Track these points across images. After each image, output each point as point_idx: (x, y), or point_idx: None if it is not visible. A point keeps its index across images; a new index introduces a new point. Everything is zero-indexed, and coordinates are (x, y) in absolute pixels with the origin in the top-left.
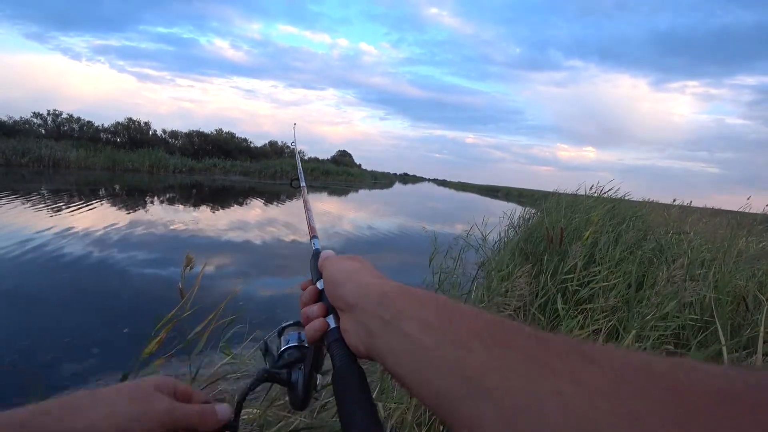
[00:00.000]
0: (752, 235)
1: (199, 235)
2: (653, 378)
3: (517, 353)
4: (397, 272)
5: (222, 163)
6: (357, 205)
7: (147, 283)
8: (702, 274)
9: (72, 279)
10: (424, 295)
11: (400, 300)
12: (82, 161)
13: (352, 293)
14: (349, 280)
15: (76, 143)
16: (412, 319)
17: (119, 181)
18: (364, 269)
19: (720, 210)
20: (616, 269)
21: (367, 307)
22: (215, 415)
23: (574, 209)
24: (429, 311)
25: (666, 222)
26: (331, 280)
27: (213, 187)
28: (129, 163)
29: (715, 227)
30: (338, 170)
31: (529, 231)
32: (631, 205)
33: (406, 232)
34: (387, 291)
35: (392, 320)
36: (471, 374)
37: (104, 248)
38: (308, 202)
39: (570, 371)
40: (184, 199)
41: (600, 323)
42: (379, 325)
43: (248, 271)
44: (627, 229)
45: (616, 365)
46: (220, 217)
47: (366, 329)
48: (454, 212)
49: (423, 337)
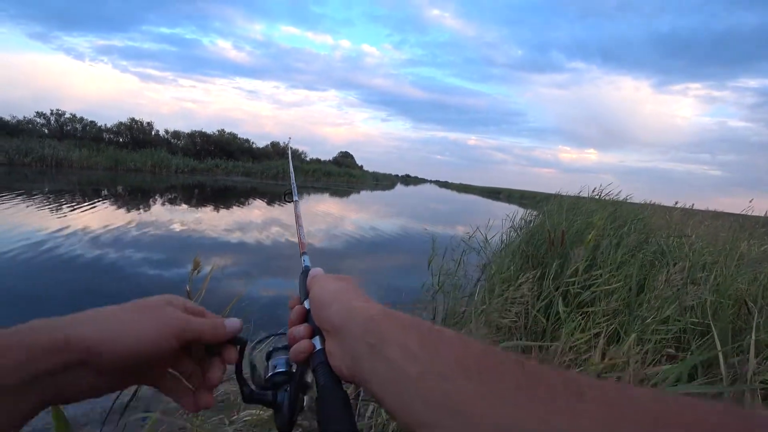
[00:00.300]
0: (754, 238)
1: (203, 236)
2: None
3: (506, 386)
4: (399, 274)
5: (224, 164)
6: (358, 207)
7: (152, 283)
8: (703, 277)
9: (76, 279)
10: (409, 321)
11: (385, 325)
12: (85, 161)
13: (337, 316)
14: (335, 301)
15: (79, 143)
16: (397, 346)
17: (122, 182)
18: (351, 291)
19: (722, 213)
20: (617, 272)
21: (353, 330)
22: (224, 327)
23: (575, 212)
24: (413, 338)
25: (668, 225)
26: (317, 301)
27: (215, 188)
28: (131, 163)
29: (716, 230)
30: (340, 171)
31: (530, 233)
32: (633, 208)
33: (408, 233)
34: (373, 315)
35: (377, 345)
36: (458, 407)
37: (108, 248)
38: (300, 218)
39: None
40: (186, 199)
41: (601, 326)
42: (364, 350)
43: (251, 271)
44: (628, 232)
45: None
46: (222, 217)
47: (351, 353)
48: (455, 214)
49: (407, 366)
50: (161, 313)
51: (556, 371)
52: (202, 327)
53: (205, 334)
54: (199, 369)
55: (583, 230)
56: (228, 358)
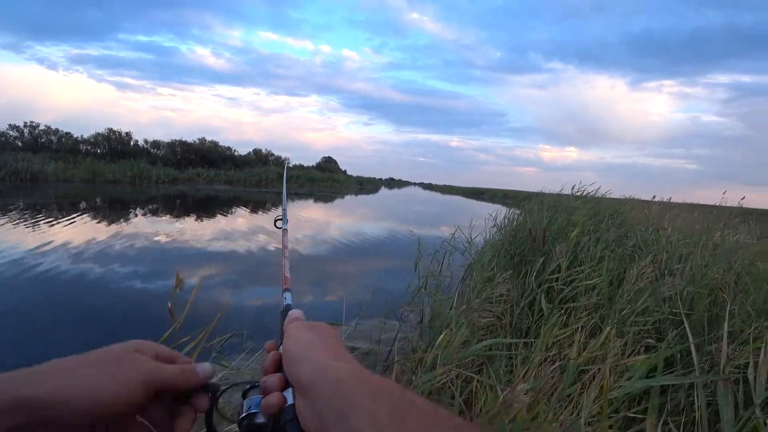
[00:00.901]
0: (728, 228)
1: (186, 247)
2: None
3: None
4: (386, 277)
5: (206, 173)
6: (343, 212)
7: (134, 297)
8: (680, 268)
9: (56, 295)
10: (380, 386)
11: (354, 390)
12: (61, 174)
13: (307, 374)
14: (305, 358)
15: (55, 155)
16: (364, 415)
17: (100, 194)
18: (324, 345)
19: (698, 205)
20: (597, 267)
21: (322, 392)
22: (196, 373)
23: (556, 209)
24: (382, 407)
25: (646, 218)
26: (288, 354)
27: (197, 197)
28: (110, 174)
29: (692, 222)
30: (324, 177)
31: (513, 232)
32: (613, 203)
33: (393, 236)
34: (342, 378)
35: (344, 412)
36: None
37: (89, 263)
38: (287, 249)
39: None
40: (168, 210)
41: (583, 321)
42: (332, 415)
43: (238, 281)
44: (607, 227)
45: None
46: (206, 227)
47: (319, 416)
48: (440, 215)
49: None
50: (128, 362)
51: None
52: (172, 375)
53: (175, 382)
54: (168, 417)
55: (565, 227)
56: (198, 406)
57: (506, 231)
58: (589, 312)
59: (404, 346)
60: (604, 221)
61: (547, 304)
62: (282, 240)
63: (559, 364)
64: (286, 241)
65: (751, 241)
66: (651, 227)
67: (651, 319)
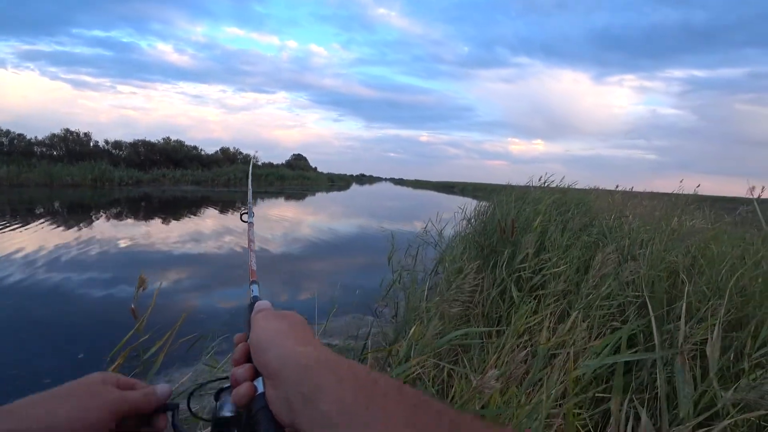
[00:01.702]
0: (685, 214)
1: (152, 250)
2: None
3: None
4: (359, 273)
5: (171, 173)
6: (315, 209)
7: (99, 304)
8: (641, 253)
9: (14, 306)
10: (344, 369)
11: (321, 374)
12: (14, 178)
13: (274, 361)
14: (273, 345)
15: (7, 158)
16: (330, 398)
17: (59, 198)
18: (292, 331)
19: (657, 193)
20: (564, 255)
21: (289, 378)
22: (156, 395)
23: (524, 201)
24: (346, 390)
25: (610, 207)
26: (256, 343)
27: (163, 199)
28: (68, 177)
29: (652, 209)
30: (294, 174)
31: (483, 224)
32: (579, 194)
33: (365, 233)
34: (309, 363)
35: (311, 396)
36: None
37: (48, 271)
38: (253, 242)
39: None
40: (132, 213)
41: (552, 307)
42: (299, 400)
43: (207, 283)
44: (573, 216)
45: None
46: (172, 229)
47: (288, 402)
48: (412, 210)
49: (339, 420)
50: (97, 394)
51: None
52: (136, 400)
53: (139, 406)
54: None
55: (533, 218)
56: (158, 426)
57: (476, 223)
58: (558, 298)
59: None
60: (570, 210)
61: (517, 292)
62: (248, 233)
63: (530, 350)
64: (252, 234)
65: (706, 225)
66: (614, 215)
67: (615, 303)
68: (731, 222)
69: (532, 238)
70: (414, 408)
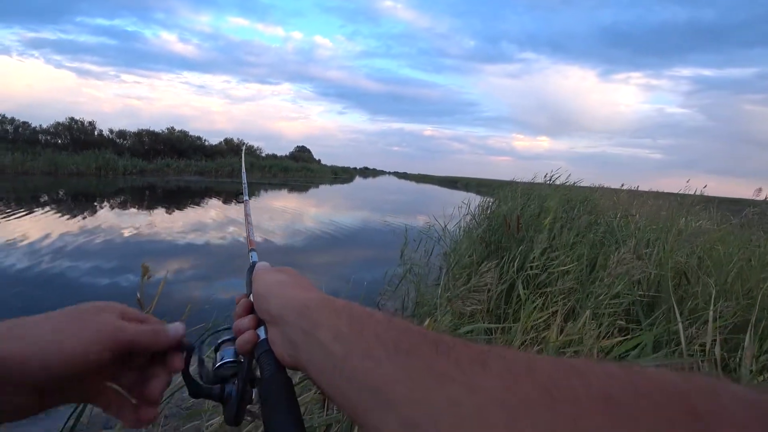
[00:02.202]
0: (691, 215)
1: (156, 240)
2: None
3: (419, 363)
4: (362, 266)
5: (175, 163)
6: (318, 201)
7: (105, 293)
8: (647, 253)
9: (21, 293)
10: (341, 305)
11: (319, 311)
12: (19, 166)
13: (276, 306)
14: (274, 293)
15: (12, 146)
16: (328, 329)
17: (63, 186)
18: (291, 282)
19: (663, 193)
20: (570, 252)
21: (290, 319)
22: (166, 333)
23: (529, 197)
24: (342, 321)
25: (615, 206)
26: (258, 293)
27: (167, 189)
28: (73, 166)
29: (658, 209)
30: (297, 166)
31: (488, 220)
32: (584, 191)
33: (368, 226)
34: (307, 303)
35: (310, 330)
36: (377, 385)
37: (53, 259)
38: (250, 216)
39: (467, 380)
40: (136, 202)
41: (558, 305)
42: (300, 336)
43: (211, 274)
44: (579, 214)
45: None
46: (176, 219)
47: (290, 340)
48: (415, 204)
49: (335, 347)
50: (91, 321)
51: (466, 346)
52: (139, 334)
53: (143, 341)
54: (140, 380)
55: (538, 215)
56: (172, 366)
57: (481, 219)
58: (564, 296)
59: None
60: (576, 208)
61: (523, 290)
62: (245, 209)
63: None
64: (248, 209)
65: (712, 226)
66: (620, 214)
67: (624, 302)
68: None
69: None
70: (402, 332)
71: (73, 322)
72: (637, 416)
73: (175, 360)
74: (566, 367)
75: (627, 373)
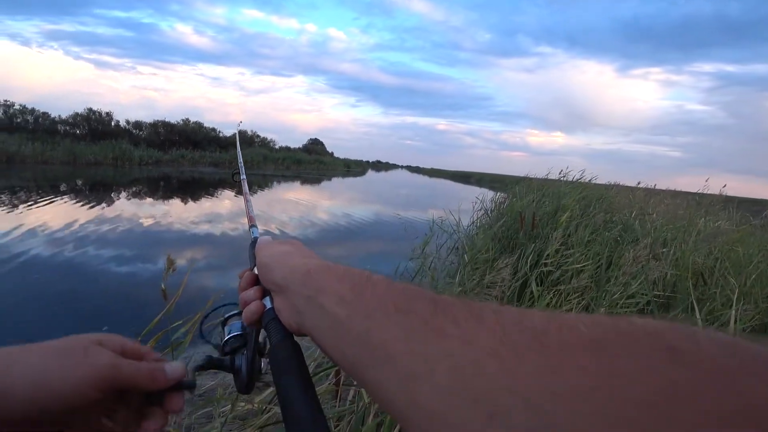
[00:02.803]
0: (710, 215)
1: (172, 230)
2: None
3: (417, 320)
4: (374, 260)
5: (190, 154)
6: (330, 194)
7: (124, 281)
8: (664, 252)
9: (42, 281)
10: (344, 271)
11: (321, 277)
12: (39, 155)
13: (280, 274)
14: (278, 262)
15: (32, 136)
16: (330, 294)
17: (81, 176)
18: (294, 251)
19: (680, 192)
20: (585, 250)
21: (294, 286)
22: (165, 373)
23: (544, 194)
24: (345, 285)
25: (631, 204)
26: (263, 264)
27: (182, 179)
28: (91, 156)
29: (676, 208)
30: (310, 159)
31: (501, 216)
32: (599, 189)
33: (380, 219)
34: (310, 269)
35: (314, 296)
36: (376, 342)
37: (74, 248)
38: (248, 194)
39: (462, 334)
40: (152, 192)
41: (572, 303)
42: (304, 302)
43: (225, 264)
44: (594, 212)
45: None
46: (191, 209)
47: (294, 307)
48: (428, 199)
49: (338, 310)
50: (84, 356)
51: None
52: (135, 374)
53: (140, 382)
54: (136, 418)
55: (554, 212)
56: (170, 407)
57: (494, 214)
58: (579, 294)
59: None
60: (592, 206)
61: (536, 287)
62: (243, 187)
63: None
64: (245, 188)
65: (731, 227)
66: (636, 212)
67: (641, 302)
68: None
69: (559, 233)
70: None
71: (66, 356)
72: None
73: (173, 401)
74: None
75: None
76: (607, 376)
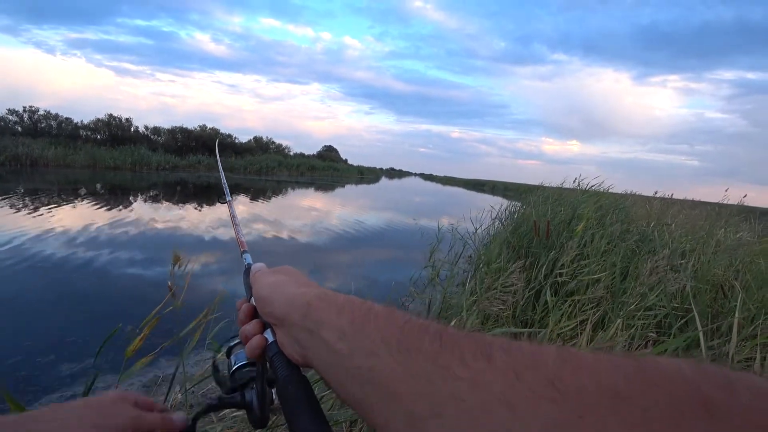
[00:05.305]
0: (730, 226)
1: (186, 234)
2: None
3: (422, 358)
4: (387, 268)
5: (206, 160)
6: (344, 201)
7: (135, 283)
8: (683, 264)
9: (56, 281)
10: (343, 302)
11: (321, 309)
12: (61, 159)
13: (279, 308)
14: (275, 294)
15: (55, 141)
16: (331, 328)
17: (101, 180)
18: (291, 280)
19: (699, 202)
20: (601, 260)
21: (294, 319)
22: (173, 423)
23: (559, 202)
24: (345, 319)
25: (648, 214)
26: (260, 297)
27: (197, 184)
28: (110, 160)
29: (695, 219)
30: (324, 165)
31: (515, 224)
32: (615, 198)
33: (394, 227)
34: (310, 301)
35: (315, 330)
36: (381, 381)
37: (89, 249)
38: (236, 217)
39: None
40: (169, 196)
41: (587, 314)
42: (306, 336)
43: (234, 267)
44: (611, 222)
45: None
46: (205, 214)
47: (297, 341)
48: (442, 206)
49: (339, 346)
50: (112, 411)
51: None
52: (154, 423)
53: (156, 428)
54: None
55: (569, 221)
56: None
57: (508, 223)
58: (595, 305)
59: None
60: (609, 215)
61: (551, 297)
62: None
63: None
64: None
65: (753, 238)
66: (653, 223)
67: (660, 314)
68: None
69: (574, 243)
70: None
71: (93, 413)
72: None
73: None
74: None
75: (635, 363)
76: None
